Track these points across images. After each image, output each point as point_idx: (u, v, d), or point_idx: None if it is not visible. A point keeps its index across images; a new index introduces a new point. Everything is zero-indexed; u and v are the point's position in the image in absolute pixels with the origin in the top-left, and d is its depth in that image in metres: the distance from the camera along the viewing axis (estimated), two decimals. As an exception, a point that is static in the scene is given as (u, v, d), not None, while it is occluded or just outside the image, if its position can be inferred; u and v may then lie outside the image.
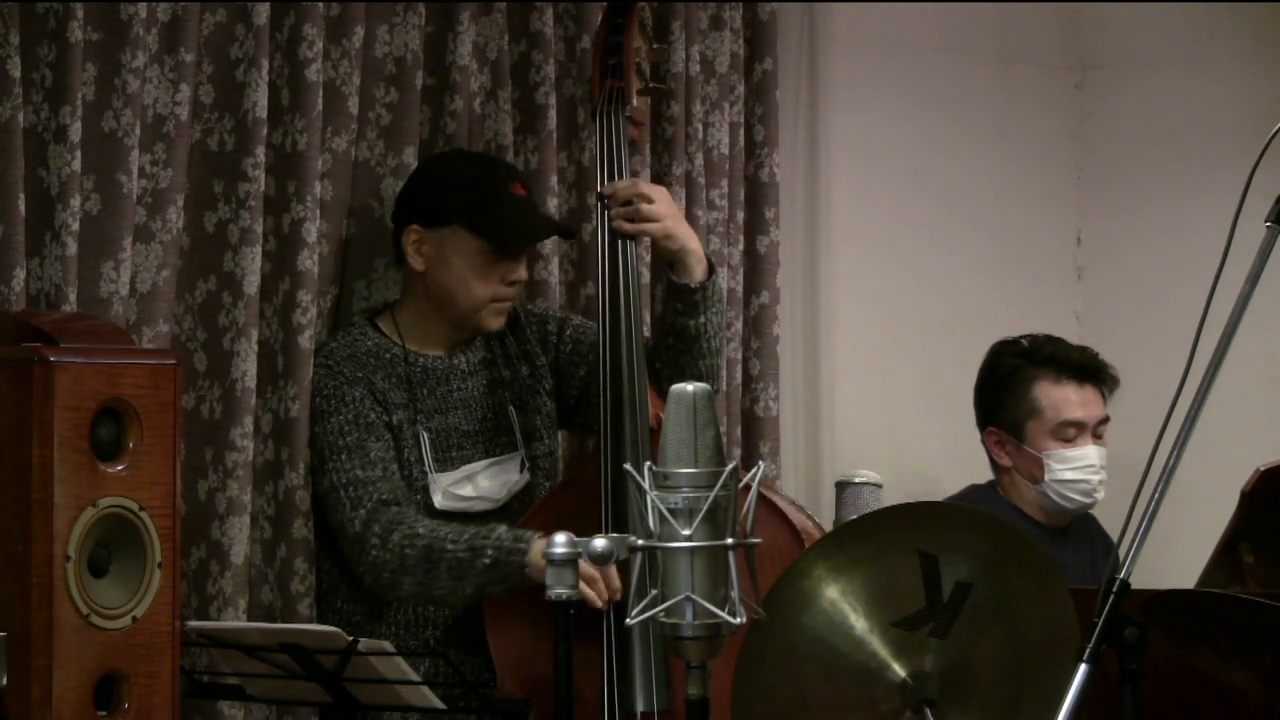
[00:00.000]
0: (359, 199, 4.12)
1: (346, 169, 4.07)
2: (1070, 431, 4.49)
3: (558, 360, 4.12)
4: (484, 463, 4.00)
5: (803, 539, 3.80)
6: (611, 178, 4.01)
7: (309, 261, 3.96)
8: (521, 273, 3.99)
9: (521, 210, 3.96)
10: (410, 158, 4.15)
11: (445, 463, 3.96)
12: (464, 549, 3.75)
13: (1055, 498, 4.49)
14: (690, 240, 4.04)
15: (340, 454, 3.86)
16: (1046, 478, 4.49)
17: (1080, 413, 4.50)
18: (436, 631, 3.95)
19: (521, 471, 4.03)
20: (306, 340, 3.95)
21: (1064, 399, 4.50)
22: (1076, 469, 4.48)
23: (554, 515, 3.85)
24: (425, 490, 3.92)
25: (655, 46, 4.20)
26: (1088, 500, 4.51)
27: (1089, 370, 4.54)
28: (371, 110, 4.14)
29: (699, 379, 4.02)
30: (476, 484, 3.99)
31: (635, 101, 4.06)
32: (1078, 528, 4.60)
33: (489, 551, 3.73)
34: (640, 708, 3.79)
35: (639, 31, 4.10)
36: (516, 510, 3.99)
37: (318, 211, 3.99)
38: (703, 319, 4.03)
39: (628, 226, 3.98)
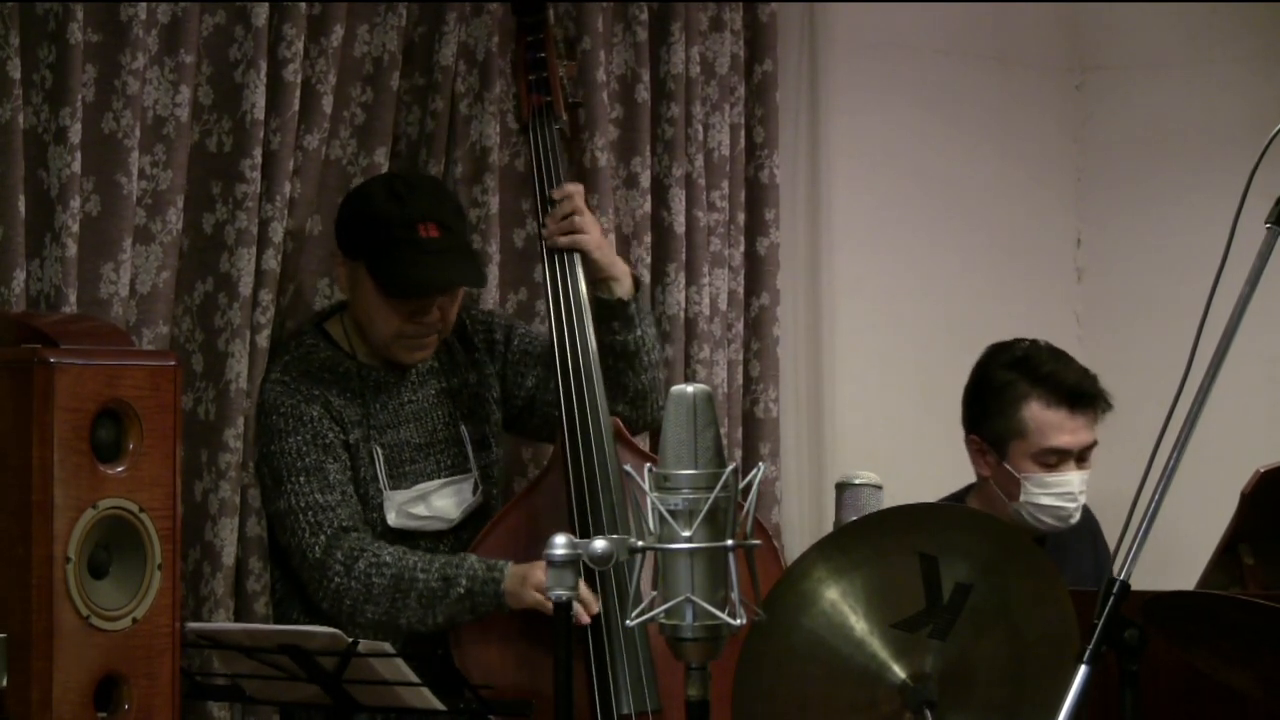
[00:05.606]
0: (327, 197, 4.09)
1: (316, 166, 4.05)
2: (1053, 459, 4.37)
3: (505, 369, 4.12)
4: (438, 483, 3.99)
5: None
6: (551, 187, 4.03)
7: (273, 261, 3.96)
8: (430, 314, 3.92)
9: (421, 256, 3.85)
10: (382, 158, 4.14)
11: (399, 479, 3.95)
12: (436, 578, 3.76)
13: (1028, 518, 4.41)
14: (615, 256, 4.08)
15: (299, 475, 3.84)
16: (1023, 498, 4.39)
17: (1068, 440, 4.37)
18: (397, 644, 3.93)
19: (475, 493, 4.03)
20: (264, 339, 3.94)
21: (1052, 425, 4.36)
22: (1054, 495, 4.38)
23: (511, 530, 3.86)
24: (380, 508, 3.91)
25: (568, 63, 4.24)
26: (1061, 524, 4.41)
27: (1085, 397, 4.39)
28: (346, 109, 4.12)
29: (641, 395, 4.06)
30: (430, 504, 3.97)
31: (565, 115, 4.11)
32: (1057, 540, 4.52)
33: (463, 581, 3.74)
34: (629, 709, 3.79)
35: (554, 49, 4.15)
36: (470, 528, 3.99)
37: (285, 210, 3.98)
38: (639, 332, 4.05)
39: (562, 240, 3.99)
